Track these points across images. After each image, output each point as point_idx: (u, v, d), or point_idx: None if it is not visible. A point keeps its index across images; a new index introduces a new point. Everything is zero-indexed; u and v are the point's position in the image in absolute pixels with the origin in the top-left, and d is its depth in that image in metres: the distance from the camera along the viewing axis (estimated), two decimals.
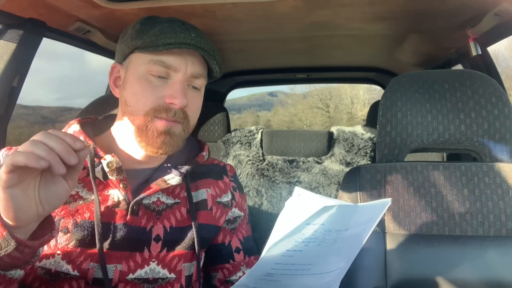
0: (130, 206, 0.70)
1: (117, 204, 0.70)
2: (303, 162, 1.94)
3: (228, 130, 2.10)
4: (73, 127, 0.75)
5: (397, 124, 0.94)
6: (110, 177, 0.70)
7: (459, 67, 1.61)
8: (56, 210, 0.67)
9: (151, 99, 0.69)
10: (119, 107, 0.76)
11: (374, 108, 2.10)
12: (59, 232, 0.67)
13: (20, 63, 1.04)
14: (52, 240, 0.65)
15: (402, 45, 1.64)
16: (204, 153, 0.82)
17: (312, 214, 0.44)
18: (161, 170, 0.76)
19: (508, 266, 0.83)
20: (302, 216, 0.44)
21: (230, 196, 0.83)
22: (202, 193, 0.79)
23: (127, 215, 0.70)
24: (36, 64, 1.09)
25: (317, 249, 0.48)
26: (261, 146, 2.01)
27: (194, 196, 0.78)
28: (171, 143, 0.71)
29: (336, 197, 1.83)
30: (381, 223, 0.88)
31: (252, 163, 1.94)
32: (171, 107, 0.69)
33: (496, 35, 1.28)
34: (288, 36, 1.51)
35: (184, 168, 0.75)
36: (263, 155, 1.98)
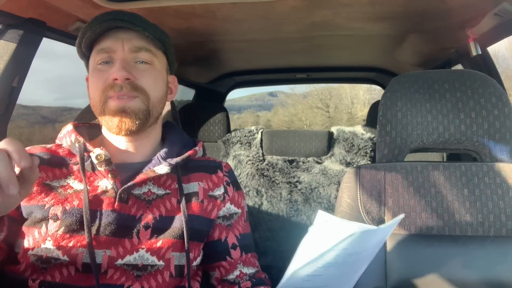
0: (118, 193, 0.72)
1: (105, 192, 0.73)
2: (303, 162, 1.94)
3: (228, 130, 2.10)
4: (67, 128, 0.81)
5: (397, 124, 0.94)
6: (99, 168, 0.74)
7: (459, 67, 1.61)
8: (46, 199, 0.71)
9: (100, 83, 0.74)
10: None
11: (374, 108, 2.10)
12: (49, 219, 0.70)
13: (20, 63, 1.04)
14: (43, 227, 0.70)
15: (402, 45, 1.64)
16: (197, 148, 0.84)
17: (339, 241, 0.43)
18: (151, 163, 0.78)
19: (508, 266, 0.83)
20: (328, 242, 0.44)
21: (222, 190, 0.84)
22: (194, 186, 0.81)
23: (115, 202, 0.72)
24: (35, 64, 1.09)
25: (336, 272, 0.48)
26: (261, 146, 2.01)
27: (185, 188, 0.79)
28: (130, 120, 0.73)
29: (336, 197, 1.83)
30: (381, 223, 0.88)
31: (252, 163, 1.94)
32: (115, 82, 0.72)
33: (496, 35, 1.28)
34: (288, 36, 1.51)
35: (174, 160, 0.78)
36: (263, 155, 1.98)
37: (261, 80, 2.77)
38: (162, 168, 0.76)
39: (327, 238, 0.44)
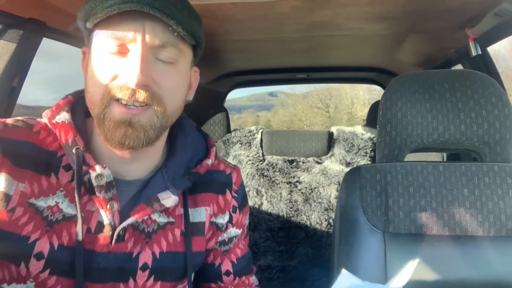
0: (116, 232, 0.60)
1: (101, 228, 0.60)
2: (303, 162, 1.94)
3: (228, 130, 2.10)
4: (63, 116, 0.62)
5: (397, 124, 0.94)
6: (97, 193, 0.59)
7: (459, 67, 1.61)
8: (29, 227, 0.56)
9: (106, 78, 0.57)
10: None
11: (374, 108, 2.10)
12: (31, 257, 0.56)
13: (20, 63, 1.04)
14: (22, 265, 0.56)
15: (402, 45, 1.64)
16: (209, 162, 0.70)
17: None
18: (155, 184, 0.64)
19: (508, 266, 0.83)
20: None
21: (227, 218, 0.73)
22: (201, 213, 0.69)
23: (111, 242, 0.60)
24: (35, 64, 1.09)
25: None
26: (261, 146, 2.01)
27: (191, 214, 0.67)
28: (136, 135, 0.57)
29: (336, 197, 1.83)
30: (381, 223, 0.88)
31: (252, 163, 1.94)
32: (127, 85, 0.56)
33: (496, 35, 1.28)
34: (288, 36, 1.51)
35: (184, 184, 0.65)
36: (263, 155, 1.98)
37: (261, 80, 2.77)
38: (170, 198, 0.62)
39: None
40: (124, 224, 0.60)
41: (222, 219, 0.72)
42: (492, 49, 1.42)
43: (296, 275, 1.81)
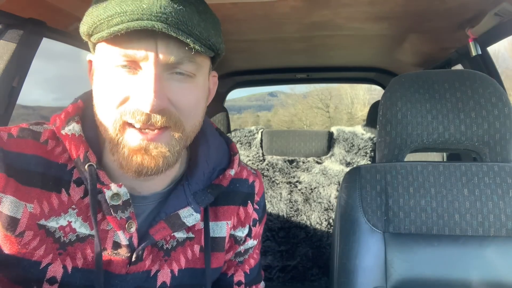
0: (135, 254, 0.56)
1: (118, 247, 0.55)
2: (303, 162, 1.94)
3: (228, 130, 2.10)
4: (73, 127, 0.56)
5: (397, 124, 0.94)
6: (113, 213, 0.54)
7: (459, 67, 1.61)
8: (41, 251, 0.52)
9: (116, 98, 0.51)
10: None
11: (374, 108, 2.10)
12: (44, 282, 0.53)
13: (20, 63, 1.04)
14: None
15: (402, 45, 1.64)
16: (231, 172, 0.64)
17: None
18: (175, 199, 0.59)
19: (508, 266, 0.83)
20: None
21: (246, 232, 0.69)
22: (222, 228, 0.65)
23: (129, 263, 0.56)
24: (34, 64, 1.09)
25: None
26: (261, 146, 2.01)
27: (211, 228, 0.63)
28: (155, 164, 0.52)
29: (336, 197, 1.83)
30: (381, 223, 0.88)
31: (252, 163, 1.94)
32: (139, 110, 0.50)
33: (496, 35, 1.28)
34: (288, 36, 1.51)
35: (206, 200, 0.60)
36: (263, 155, 1.98)
37: (261, 80, 2.77)
38: (191, 216, 0.58)
39: None
40: (143, 245, 0.56)
41: (241, 233, 0.68)
42: (492, 49, 1.42)
43: (296, 275, 1.81)
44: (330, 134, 2.01)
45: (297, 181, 1.90)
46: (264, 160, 1.96)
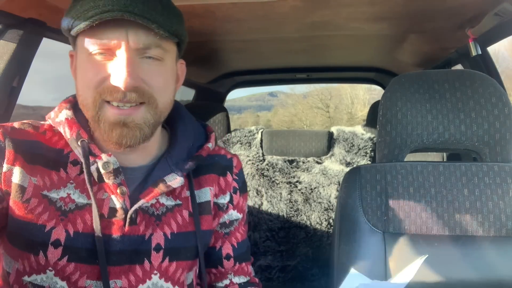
0: (129, 215, 0.62)
1: (114, 212, 0.62)
2: (303, 162, 1.94)
3: (228, 130, 2.10)
4: (65, 113, 0.65)
5: (397, 124, 0.94)
6: (106, 180, 0.62)
7: (459, 67, 1.61)
8: (45, 216, 0.60)
9: (95, 80, 0.59)
10: None
11: (374, 108, 2.10)
12: (49, 245, 0.59)
13: (20, 63, 1.04)
14: (40, 255, 0.59)
15: (402, 45, 1.64)
16: (210, 145, 0.73)
17: None
18: (160, 168, 0.67)
19: (508, 266, 0.83)
20: None
21: (227, 199, 0.75)
22: (206, 193, 0.72)
23: (124, 225, 0.62)
24: (34, 64, 1.09)
25: None
26: (261, 146, 2.01)
27: (197, 195, 0.71)
28: (132, 134, 0.60)
29: (336, 197, 1.83)
30: (381, 223, 0.88)
31: (252, 163, 1.94)
32: (117, 89, 0.58)
33: (496, 35, 1.28)
34: (288, 36, 1.51)
35: (188, 166, 0.67)
36: (263, 155, 1.98)
37: (261, 80, 2.78)
38: (176, 180, 0.65)
39: None
40: (136, 206, 0.62)
41: (223, 199, 0.75)
42: (492, 49, 1.42)
43: (296, 275, 1.81)
44: (330, 134, 2.01)
45: (297, 181, 1.90)
46: (264, 160, 1.96)
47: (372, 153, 1.90)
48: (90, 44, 0.59)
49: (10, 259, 0.62)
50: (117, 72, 0.58)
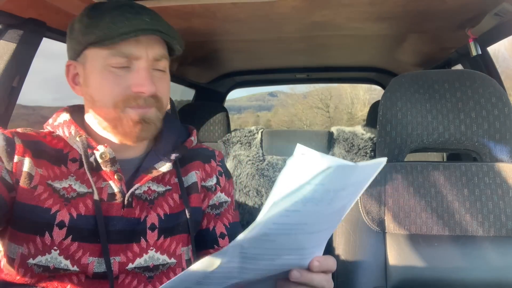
0: (126, 198, 0.70)
1: (113, 196, 0.70)
2: None
3: (228, 130, 2.10)
4: (63, 116, 0.74)
5: (397, 124, 0.94)
6: (103, 168, 0.70)
7: (459, 67, 1.61)
8: (50, 201, 0.67)
9: (117, 90, 0.68)
10: (85, 104, 0.75)
11: (374, 108, 2.10)
12: (54, 226, 0.65)
13: (20, 63, 1.04)
14: (46, 235, 0.65)
15: (402, 45, 1.64)
16: (192, 138, 0.82)
17: (315, 174, 0.42)
18: (150, 159, 0.75)
19: (508, 266, 0.83)
20: (305, 176, 0.43)
21: (214, 181, 0.82)
22: (192, 176, 0.80)
23: (122, 207, 0.70)
24: (34, 64, 1.09)
25: (314, 209, 0.46)
26: (261, 146, 2.01)
27: (184, 181, 0.78)
28: (149, 128, 0.71)
29: None
30: (381, 223, 0.88)
31: (252, 163, 1.94)
32: (140, 95, 0.68)
33: (496, 35, 1.28)
34: (288, 36, 1.51)
35: (174, 155, 0.75)
36: (263, 155, 1.98)
37: (261, 80, 2.78)
38: (164, 166, 0.74)
39: (304, 171, 0.43)
40: (132, 190, 0.70)
41: (211, 182, 0.82)
42: (492, 49, 1.42)
43: None
44: (330, 134, 2.01)
45: None
46: (264, 160, 1.96)
47: (372, 153, 1.90)
48: (111, 56, 0.67)
49: (13, 245, 0.66)
50: (139, 81, 0.68)
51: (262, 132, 2.05)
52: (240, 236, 0.48)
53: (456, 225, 0.86)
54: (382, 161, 0.47)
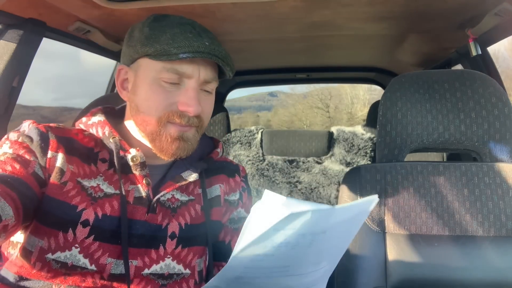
0: (152, 203, 0.71)
1: (139, 200, 0.70)
2: (303, 162, 1.94)
3: (228, 130, 2.10)
4: (98, 117, 0.75)
5: (397, 124, 0.94)
6: (134, 171, 0.71)
7: (459, 67, 1.61)
8: (77, 199, 0.67)
9: (164, 104, 0.69)
10: (127, 109, 0.76)
11: (374, 108, 2.10)
12: (78, 224, 0.66)
13: (20, 63, 1.04)
14: (69, 232, 0.65)
15: (402, 45, 1.64)
16: (218, 150, 0.83)
17: (278, 221, 0.40)
18: (177, 167, 0.76)
19: (508, 266, 0.83)
20: (269, 222, 0.41)
21: (237, 196, 0.83)
22: (216, 189, 0.80)
23: (147, 212, 0.70)
24: (34, 64, 1.09)
25: (291, 252, 0.44)
26: (261, 146, 2.01)
27: (208, 192, 0.79)
28: (185, 147, 0.71)
29: (336, 197, 1.83)
30: (381, 223, 0.88)
31: (252, 163, 1.94)
32: (185, 114, 0.69)
33: (496, 35, 1.28)
34: (288, 36, 1.51)
35: (200, 165, 0.76)
36: (263, 155, 1.98)
37: (261, 80, 2.77)
38: (191, 175, 0.74)
39: (268, 218, 0.41)
40: (158, 196, 0.71)
41: (234, 197, 0.83)
42: (492, 49, 1.42)
43: None
44: (330, 134, 2.01)
45: (297, 181, 1.90)
46: (264, 160, 1.96)
47: (372, 153, 1.90)
48: (164, 71, 0.68)
49: (34, 238, 0.65)
50: (187, 100, 0.69)
51: (262, 132, 2.05)
52: (214, 279, 0.47)
53: (456, 225, 0.86)
54: (371, 199, 0.45)
